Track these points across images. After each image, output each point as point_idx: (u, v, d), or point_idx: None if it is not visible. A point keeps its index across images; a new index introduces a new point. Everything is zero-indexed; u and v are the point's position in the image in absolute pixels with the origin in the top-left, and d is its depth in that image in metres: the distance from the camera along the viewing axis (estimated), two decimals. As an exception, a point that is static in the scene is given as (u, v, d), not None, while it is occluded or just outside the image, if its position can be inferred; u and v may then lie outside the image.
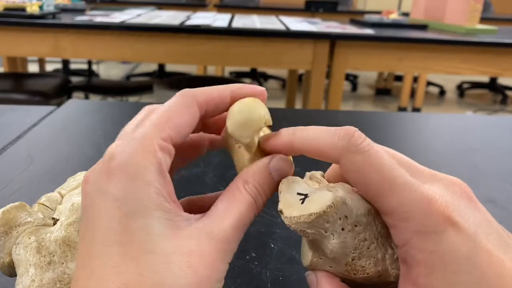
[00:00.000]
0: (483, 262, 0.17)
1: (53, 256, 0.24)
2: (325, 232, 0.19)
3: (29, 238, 0.25)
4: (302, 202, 0.20)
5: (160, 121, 0.20)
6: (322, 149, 0.20)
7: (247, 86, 0.23)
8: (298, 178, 0.21)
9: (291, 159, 0.22)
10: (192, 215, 0.20)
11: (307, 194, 0.20)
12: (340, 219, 0.19)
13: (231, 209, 0.20)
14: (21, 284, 0.23)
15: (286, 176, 0.21)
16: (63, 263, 0.24)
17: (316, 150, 0.20)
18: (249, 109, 0.21)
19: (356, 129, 0.20)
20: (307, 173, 0.23)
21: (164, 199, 0.18)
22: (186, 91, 0.22)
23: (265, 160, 0.21)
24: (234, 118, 0.21)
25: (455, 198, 0.19)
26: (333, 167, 0.23)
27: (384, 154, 0.19)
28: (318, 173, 0.24)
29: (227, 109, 0.22)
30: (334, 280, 0.21)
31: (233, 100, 0.22)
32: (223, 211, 0.20)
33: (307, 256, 0.21)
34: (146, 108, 0.21)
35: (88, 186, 0.19)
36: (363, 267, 0.20)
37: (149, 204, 0.18)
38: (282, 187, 0.21)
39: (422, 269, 0.18)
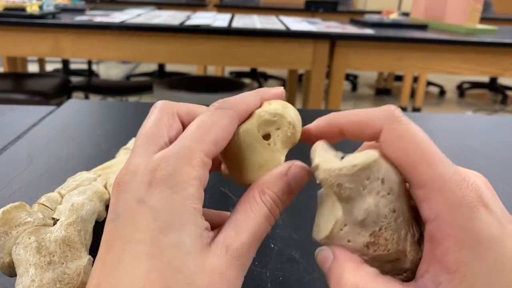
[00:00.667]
0: (510, 243, 0.17)
1: (53, 256, 0.24)
2: (363, 189, 0.19)
3: (29, 238, 0.25)
4: (342, 159, 0.20)
5: (200, 134, 0.19)
6: (365, 120, 0.20)
7: (271, 89, 0.23)
8: (329, 144, 0.22)
9: (307, 167, 0.22)
10: (211, 229, 0.20)
11: (343, 156, 0.20)
12: (378, 179, 0.19)
13: (248, 222, 0.19)
14: (21, 284, 0.23)
15: (303, 184, 0.21)
16: (63, 263, 0.24)
17: (359, 121, 0.20)
18: (284, 105, 0.22)
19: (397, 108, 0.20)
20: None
21: (199, 214, 0.18)
22: (224, 103, 0.21)
23: (282, 168, 0.21)
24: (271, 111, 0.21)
25: (482, 185, 0.19)
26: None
27: (423, 134, 0.20)
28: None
29: None
30: (354, 255, 0.20)
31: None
32: (239, 224, 0.19)
33: (328, 224, 0.20)
34: (163, 107, 0.21)
35: (123, 192, 0.19)
36: (386, 240, 0.20)
37: (184, 219, 0.18)
38: (316, 148, 0.21)
39: (452, 244, 0.17)
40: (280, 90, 0.23)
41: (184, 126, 0.22)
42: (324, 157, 0.20)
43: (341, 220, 0.20)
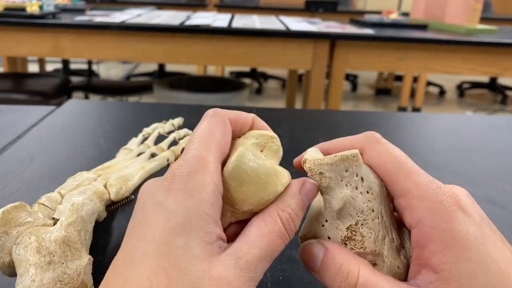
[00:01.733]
0: (490, 246, 0.19)
1: (53, 256, 0.24)
2: (341, 180, 0.21)
3: (29, 238, 0.25)
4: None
5: (205, 142, 0.20)
6: (350, 145, 0.22)
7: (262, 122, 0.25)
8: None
9: (316, 183, 0.22)
10: (225, 241, 0.20)
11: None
12: (357, 175, 0.21)
13: (262, 238, 0.19)
14: (21, 284, 0.23)
15: (313, 199, 0.22)
16: (63, 263, 0.24)
17: (345, 147, 0.22)
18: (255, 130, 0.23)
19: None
20: None
21: (211, 220, 0.19)
22: (217, 110, 0.22)
23: (296, 185, 0.21)
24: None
25: (461, 194, 0.21)
26: None
27: (400, 151, 0.22)
28: None
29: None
30: (346, 249, 0.21)
31: (254, 124, 0.24)
32: (253, 239, 0.19)
33: (311, 220, 0.22)
34: (214, 114, 0.22)
35: (145, 195, 0.20)
36: (363, 236, 0.20)
37: (195, 223, 0.18)
38: (308, 150, 0.23)
39: (435, 246, 0.19)
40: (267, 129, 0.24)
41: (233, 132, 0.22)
42: (313, 155, 0.22)
43: (323, 214, 0.21)
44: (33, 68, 2.69)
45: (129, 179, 0.34)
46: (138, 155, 0.39)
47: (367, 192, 0.21)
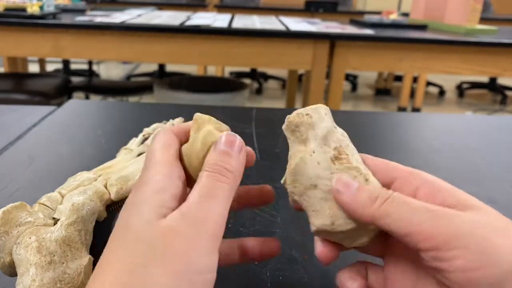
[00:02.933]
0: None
1: (54, 256, 0.24)
2: (325, 115, 0.25)
3: (30, 238, 0.25)
4: None
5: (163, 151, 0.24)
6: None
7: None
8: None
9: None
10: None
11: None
12: (333, 121, 0.25)
13: (195, 189, 0.22)
14: (21, 284, 0.23)
15: (236, 143, 0.24)
16: (63, 263, 0.24)
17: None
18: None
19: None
20: None
21: (166, 192, 0.21)
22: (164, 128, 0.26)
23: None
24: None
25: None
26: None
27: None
28: None
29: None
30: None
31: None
32: (193, 192, 0.21)
33: (297, 156, 0.25)
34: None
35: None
36: (347, 155, 0.24)
37: (149, 196, 0.21)
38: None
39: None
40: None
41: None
42: None
43: (308, 149, 0.24)
44: (33, 68, 2.70)
45: (129, 179, 0.34)
46: (139, 155, 0.39)
47: (342, 135, 0.25)
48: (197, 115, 0.25)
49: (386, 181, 0.24)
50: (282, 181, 0.25)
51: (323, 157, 0.24)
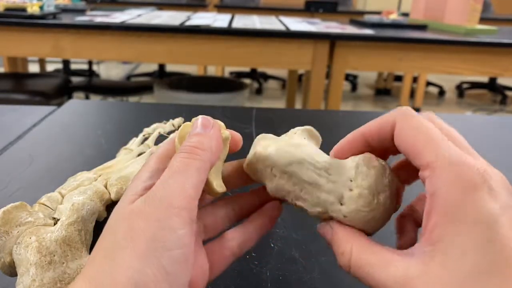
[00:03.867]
0: (507, 227, 0.17)
1: (54, 256, 0.24)
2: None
3: (30, 238, 0.25)
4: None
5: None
6: (383, 121, 0.23)
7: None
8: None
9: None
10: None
11: None
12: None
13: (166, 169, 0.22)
14: (21, 283, 0.23)
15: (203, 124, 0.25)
16: (63, 263, 0.24)
17: (378, 123, 0.23)
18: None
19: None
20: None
21: (142, 183, 0.22)
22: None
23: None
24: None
25: (496, 176, 0.19)
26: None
27: (432, 125, 0.21)
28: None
29: None
30: (344, 227, 0.23)
31: None
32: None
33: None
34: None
35: None
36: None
37: (128, 190, 0.22)
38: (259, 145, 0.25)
39: (439, 218, 0.19)
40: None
41: None
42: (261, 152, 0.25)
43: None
44: (33, 68, 2.70)
45: (129, 179, 0.34)
46: (139, 155, 0.39)
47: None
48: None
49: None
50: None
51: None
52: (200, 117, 0.24)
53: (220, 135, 0.24)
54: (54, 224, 0.27)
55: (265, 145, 0.24)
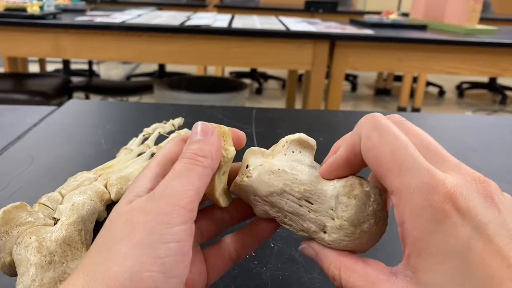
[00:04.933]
0: (481, 248, 0.17)
1: (54, 255, 0.24)
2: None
3: (30, 238, 0.25)
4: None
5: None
6: (352, 142, 0.22)
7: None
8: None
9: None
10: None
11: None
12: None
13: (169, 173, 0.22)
14: (21, 283, 0.23)
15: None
16: (63, 263, 0.24)
17: (352, 142, 0.22)
18: None
19: (380, 114, 0.22)
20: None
21: (143, 186, 0.22)
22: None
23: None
24: None
25: (470, 192, 0.18)
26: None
27: (400, 135, 0.20)
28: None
29: None
30: (328, 250, 0.23)
31: None
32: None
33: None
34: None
35: None
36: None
37: (126, 192, 0.22)
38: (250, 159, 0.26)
39: (411, 250, 0.19)
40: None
41: None
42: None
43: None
44: (33, 68, 2.70)
45: (129, 179, 0.34)
46: (139, 155, 0.39)
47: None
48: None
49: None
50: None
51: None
52: (199, 123, 0.24)
53: (220, 141, 0.24)
54: (54, 224, 0.27)
55: (250, 167, 0.24)
